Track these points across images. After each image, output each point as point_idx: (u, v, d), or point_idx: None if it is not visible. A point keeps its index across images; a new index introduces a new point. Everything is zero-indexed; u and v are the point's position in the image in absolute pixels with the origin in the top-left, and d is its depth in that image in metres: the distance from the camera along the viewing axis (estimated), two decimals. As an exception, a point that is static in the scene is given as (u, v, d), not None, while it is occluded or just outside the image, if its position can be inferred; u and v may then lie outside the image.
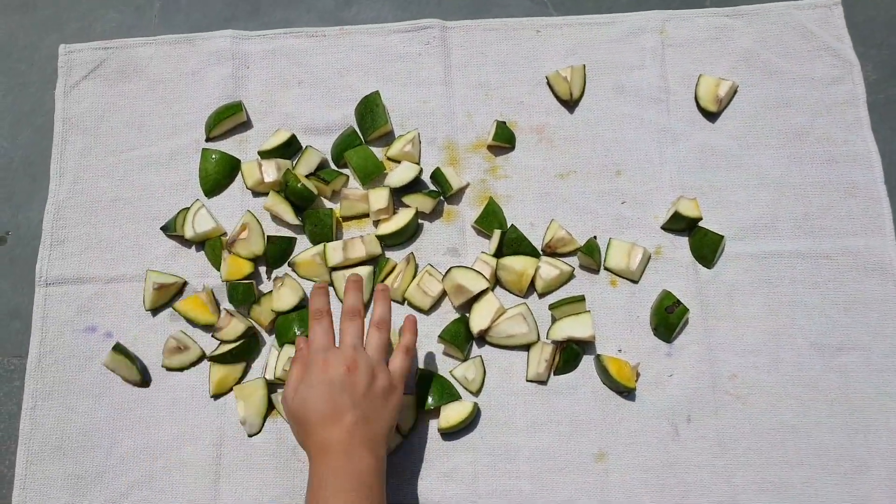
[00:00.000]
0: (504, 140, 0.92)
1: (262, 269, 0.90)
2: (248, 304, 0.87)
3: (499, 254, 0.88)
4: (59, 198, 0.92)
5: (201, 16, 1.01)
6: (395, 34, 0.97)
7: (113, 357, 0.85)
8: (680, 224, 0.88)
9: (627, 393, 0.84)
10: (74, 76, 0.97)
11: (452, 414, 0.82)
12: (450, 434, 0.83)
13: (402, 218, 0.88)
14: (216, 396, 0.85)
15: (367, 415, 0.72)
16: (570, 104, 0.95)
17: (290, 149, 0.92)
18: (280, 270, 0.90)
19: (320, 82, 0.96)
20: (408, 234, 0.89)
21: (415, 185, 0.90)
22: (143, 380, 0.86)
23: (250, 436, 0.84)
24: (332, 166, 0.93)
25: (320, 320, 0.78)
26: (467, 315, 0.86)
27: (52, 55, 0.98)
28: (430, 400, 0.83)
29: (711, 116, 0.93)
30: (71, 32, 1.00)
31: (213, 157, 0.92)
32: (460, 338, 0.84)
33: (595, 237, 0.88)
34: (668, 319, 0.84)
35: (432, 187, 0.91)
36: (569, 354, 0.84)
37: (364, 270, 0.87)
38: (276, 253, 0.89)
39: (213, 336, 0.86)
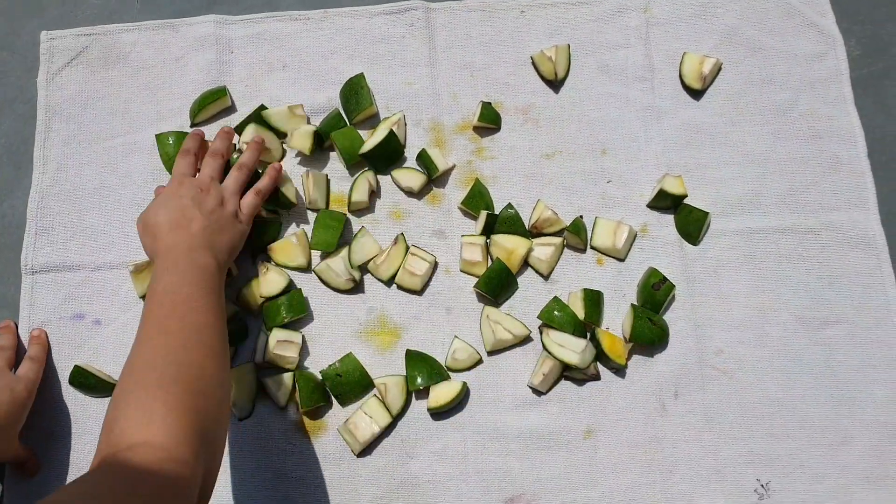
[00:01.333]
0: (489, 121, 0.92)
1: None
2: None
3: (486, 234, 0.88)
4: (43, 186, 0.92)
5: (184, 0, 1.00)
6: (378, 16, 0.97)
7: (72, 389, 0.86)
8: (665, 202, 0.89)
9: (617, 370, 0.85)
10: (57, 63, 0.96)
11: (442, 393, 0.83)
12: (439, 413, 0.84)
13: (380, 134, 0.89)
14: (206, 381, 0.85)
15: (212, 228, 0.78)
16: (555, 84, 0.94)
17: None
18: (265, 256, 0.89)
19: (304, 65, 0.96)
20: (388, 152, 0.90)
21: (395, 157, 0.91)
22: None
23: (241, 419, 0.84)
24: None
25: (186, 156, 0.85)
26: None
27: (33, 42, 0.97)
28: (419, 380, 0.83)
29: (696, 94, 0.93)
30: (52, 18, 0.99)
31: (170, 140, 0.91)
32: (493, 284, 0.85)
33: (581, 216, 0.88)
34: (655, 296, 0.85)
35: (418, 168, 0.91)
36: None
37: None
38: (258, 236, 0.88)
39: (201, 321, 0.86)
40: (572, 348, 0.82)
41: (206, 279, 0.73)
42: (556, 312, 0.84)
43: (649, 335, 0.83)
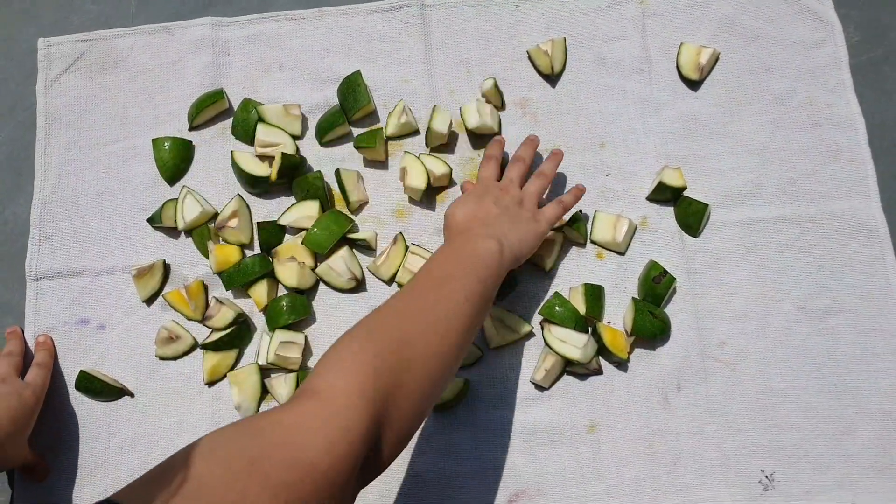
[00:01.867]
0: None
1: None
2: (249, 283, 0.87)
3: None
4: (44, 192, 0.92)
5: (179, 3, 1.00)
6: (374, 14, 0.97)
7: (79, 394, 0.86)
8: (665, 194, 0.89)
9: (619, 364, 0.85)
10: (55, 70, 0.96)
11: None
12: (442, 411, 0.84)
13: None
14: (211, 384, 0.86)
15: (505, 220, 0.78)
16: (551, 78, 0.94)
17: None
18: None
19: (301, 65, 0.96)
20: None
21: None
22: (122, 394, 0.87)
23: (246, 421, 0.85)
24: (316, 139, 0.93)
25: (489, 161, 0.86)
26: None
27: (30, 49, 0.97)
28: (421, 378, 0.83)
29: (694, 85, 0.93)
30: (48, 25, 0.99)
31: (166, 145, 0.92)
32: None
33: (581, 210, 0.88)
34: (656, 290, 0.85)
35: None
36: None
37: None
38: (267, 239, 0.89)
39: (203, 324, 0.87)
40: (574, 343, 0.82)
41: (477, 262, 0.71)
42: (557, 308, 0.84)
43: (651, 329, 0.83)
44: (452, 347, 0.66)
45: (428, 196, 0.90)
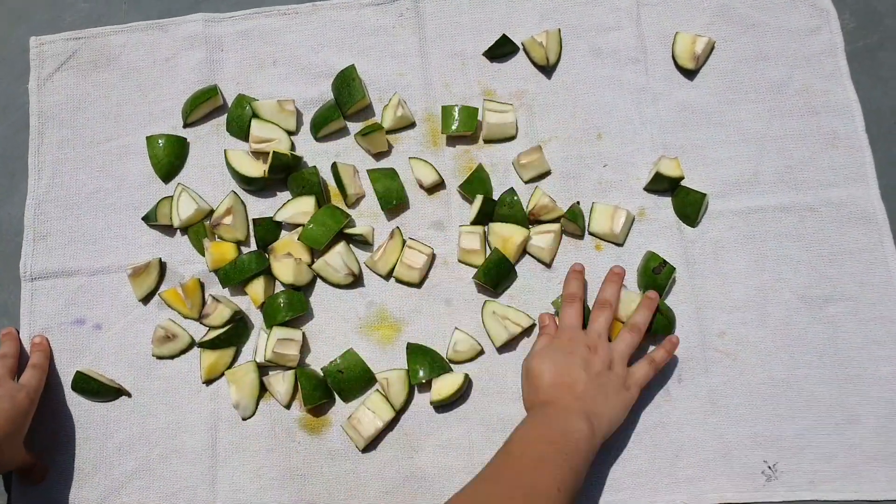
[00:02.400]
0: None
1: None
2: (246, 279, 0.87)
3: (479, 221, 0.88)
4: (38, 192, 0.92)
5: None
6: (367, 7, 0.96)
7: (76, 395, 0.86)
8: (662, 184, 0.88)
9: None
10: (47, 68, 0.96)
11: (444, 386, 0.82)
12: (443, 406, 0.84)
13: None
14: (208, 382, 0.86)
15: (595, 393, 0.74)
16: (547, 70, 0.94)
17: None
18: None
19: (295, 60, 0.95)
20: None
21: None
22: (119, 394, 0.86)
23: (244, 419, 0.84)
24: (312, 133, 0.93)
25: (573, 303, 0.82)
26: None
27: (22, 48, 0.97)
28: (421, 373, 0.83)
29: (690, 74, 0.92)
30: (40, 24, 0.99)
31: (160, 142, 0.91)
32: (492, 275, 0.85)
33: (578, 202, 0.88)
34: (656, 280, 0.84)
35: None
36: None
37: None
38: (263, 235, 0.88)
39: (200, 322, 0.86)
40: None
41: (569, 446, 0.69)
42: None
43: (655, 326, 0.82)
44: None
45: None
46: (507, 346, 0.85)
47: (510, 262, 0.86)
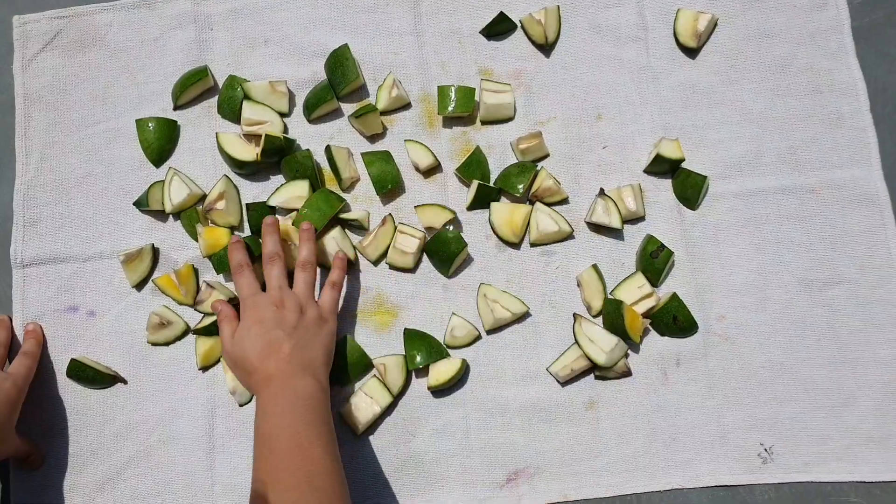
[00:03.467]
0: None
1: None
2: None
3: (475, 206, 0.87)
4: (27, 177, 0.90)
5: (158, -24, 0.96)
6: (360, -16, 0.93)
7: (70, 382, 0.85)
8: (662, 166, 0.87)
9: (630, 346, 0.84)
10: (31, 48, 0.93)
11: (442, 371, 0.82)
12: (440, 391, 0.84)
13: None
14: (204, 368, 0.85)
15: (301, 344, 0.75)
16: (545, 48, 0.91)
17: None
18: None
19: (287, 39, 0.93)
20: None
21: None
22: (115, 381, 0.86)
23: (241, 405, 0.84)
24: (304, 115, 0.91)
25: (241, 273, 0.80)
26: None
27: (5, 28, 0.94)
28: (418, 358, 0.83)
29: (691, 52, 0.90)
30: (23, 2, 0.96)
31: (150, 125, 0.89)
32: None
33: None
34: (654, 265, 0.83)
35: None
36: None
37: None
38: (257, 220, 0.87)
39: (195, 309, 0.85)
40: (601, 346, 0.80)
41: (310, 409, 0.70)
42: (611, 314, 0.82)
43: (666, 331, 0.83)
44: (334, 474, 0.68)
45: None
46: (497, 331, 0.85)
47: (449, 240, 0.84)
